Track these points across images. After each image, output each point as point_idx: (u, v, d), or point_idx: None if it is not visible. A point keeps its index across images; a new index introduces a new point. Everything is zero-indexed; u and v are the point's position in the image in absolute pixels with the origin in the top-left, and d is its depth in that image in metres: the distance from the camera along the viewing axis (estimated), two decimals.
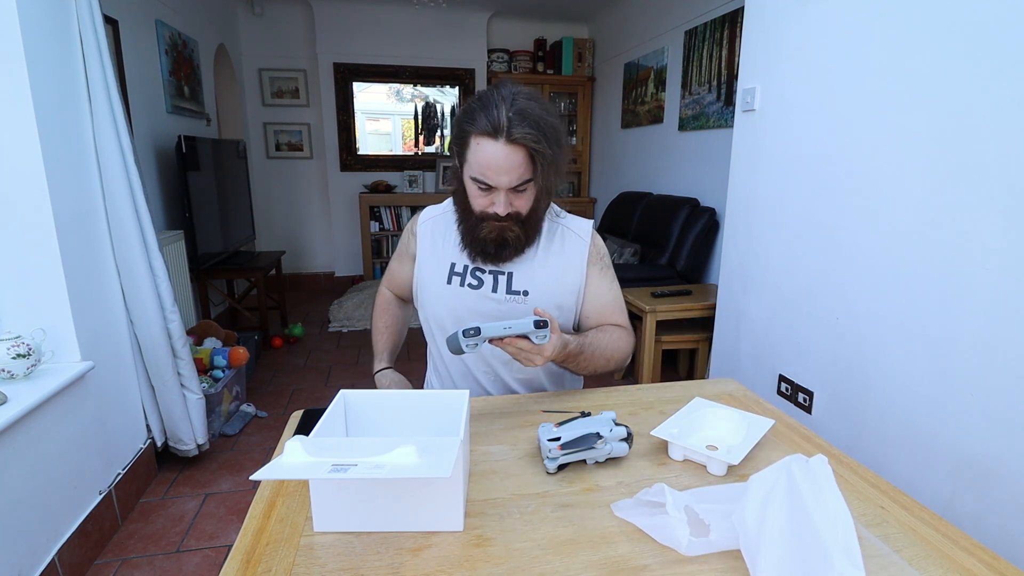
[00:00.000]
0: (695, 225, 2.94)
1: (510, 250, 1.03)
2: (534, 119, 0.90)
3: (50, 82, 1.50)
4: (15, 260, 1.48)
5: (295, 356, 3.26)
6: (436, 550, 0.62)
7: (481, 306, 1.08)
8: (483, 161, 0.92)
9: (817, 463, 0.60)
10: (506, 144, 0.90)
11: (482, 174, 0.93)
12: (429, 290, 1.11)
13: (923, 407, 1.33)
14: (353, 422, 0.79)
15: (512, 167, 0.91)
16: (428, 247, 1.13)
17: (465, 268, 1.09)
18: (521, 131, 0.89)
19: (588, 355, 1.01)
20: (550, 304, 1.08)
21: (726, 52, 2.88)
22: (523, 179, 0.93)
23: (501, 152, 0.90)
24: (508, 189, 0.94)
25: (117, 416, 1.78)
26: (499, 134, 0.89)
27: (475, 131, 0.91)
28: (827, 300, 1.62)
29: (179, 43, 3.07)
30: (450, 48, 4.57)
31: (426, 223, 1.16)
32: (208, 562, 1.60)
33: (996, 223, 1.16)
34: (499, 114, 0.89)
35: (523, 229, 1.02)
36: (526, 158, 0.91)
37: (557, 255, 1.09)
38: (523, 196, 0.98)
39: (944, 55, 1.26)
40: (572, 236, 1.11)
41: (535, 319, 0.87)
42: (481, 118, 0.91)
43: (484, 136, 0.91)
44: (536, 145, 0.90)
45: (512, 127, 0.89)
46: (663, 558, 0.61)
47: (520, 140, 0.89)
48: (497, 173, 0.92)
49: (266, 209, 4.62)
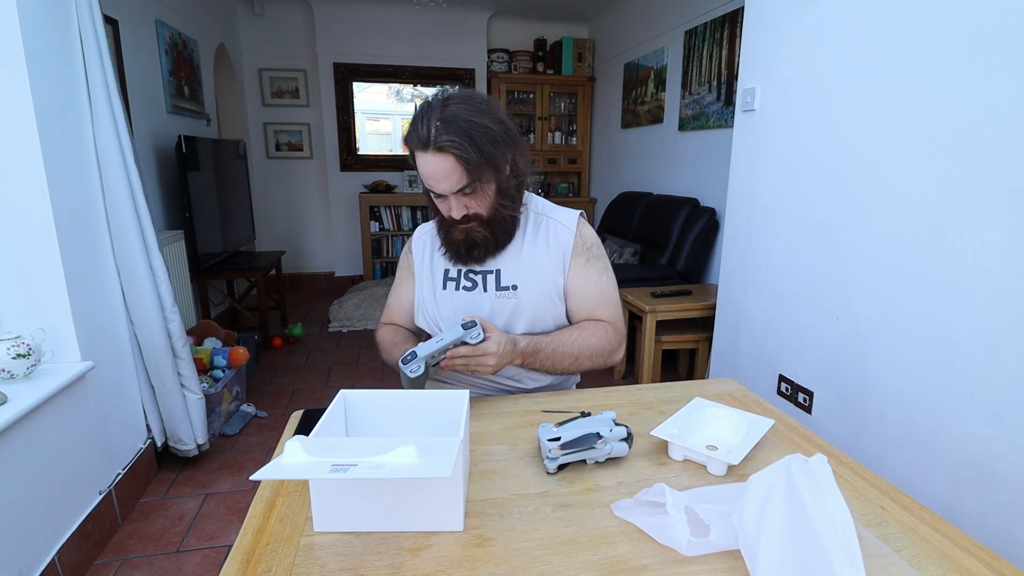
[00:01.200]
0: (695, 225, 2.94)
1: (480, 250, 1.06)
2: (460, 125, 0.92)
3: (50, 82, 1.50)
4: (15, 260, 1.48)
5: (295, 356, 3.26)
6: (436, 550, 0.62)
7: (476, 307, 1.09)
8: (422, 172, 0.96)
9: (817, 463, 0.60)
10: (434, 153, 0.92)
11: (426, 183, 0.98)
12: (428, 298, 1.14)
13: (923, 407, 1.33)
14: (353, 422, 0.79)
15: (445, 174, 0.94)
16: (423, 260, 1.16)
17: (459, 272, 1.11)
18: (446, 139, 0.91)
19: (548, 354, 1.03)
20: (540, 296, 1.08)
21: (726, 52, 2.88)
22: (460, 184, 0.95)
23: (431, 162, 0.93)
24: (454, 193, 0.97)
25: (117, 416, 1.78)
26: (427, 146, 0.92)
27: (410, 144, 0.96)
28: (827, 300, 1.62)
29: (179, 43, 3.07)
30: (450, 48, 4.57)
31: (420, 239, 1.19)
32: (208, 562, 1.60)
33: (996, 223, 1.16)
34: (426, 125, 0.92)
35: (489, 229, 1.04)
36: (456, 164, 0.93)
37: (543, 247, 1.10)
38: (475, 198, 0.99)
39: (944, 55, 1.26)
40: (557, 227, 1.11)
41: (463, 322, 0.91)
42: (412, 132, 0.95)
43: (417, 148, 0.95)
44: (459, 152, 0.91)
45: (438, 136, 0.91)
46: (663, 558, 0.61)
47: (445, 147, 0.91)
48: (435, 181, 0.95)
49: (266, 209, 4.62)
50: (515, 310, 1.08)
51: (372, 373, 3.02)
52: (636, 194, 3.77)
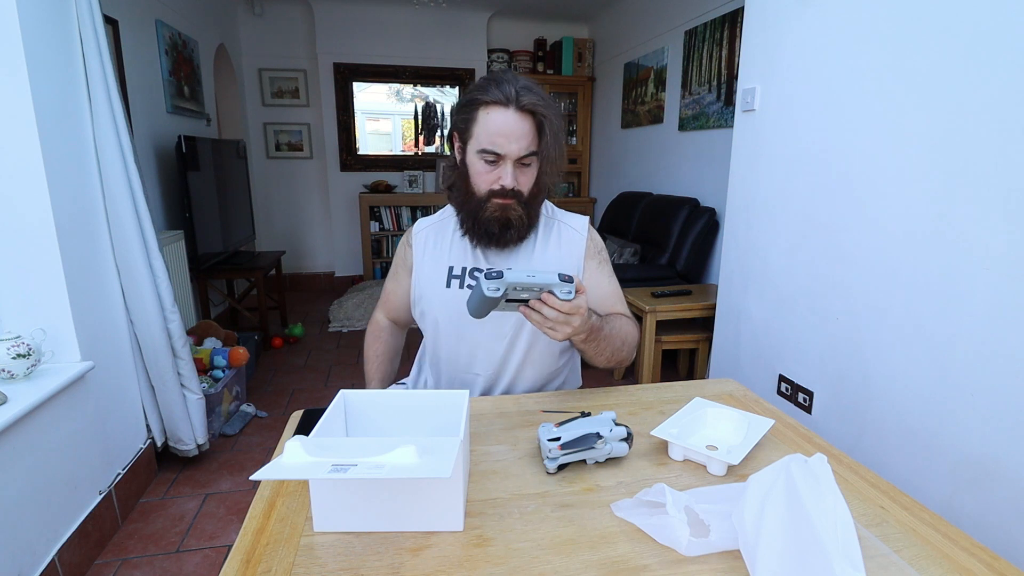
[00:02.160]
0: (695, 225, 2.94)
1: (514, 231, 1.03)
2: (542, 95, 0.97)
3: (50, 82, 1.50)
4: (15, 260, 1.48)
5: (295, 356, 3.26)
6: (436, 550, 0.62)
7: None
8: (493, 129, 0.96)
9: (816, 462, 0.60)
10: (516, 111, 0.95)
11: (492, 143, 0.96)
12: (429, 296, 1.11)
13: (923, 407, 1.33)
14: (353, 422, 0.79)
15: (522, 134, 0.95)
16: (425, 255, 1.13)
17: (464, 270, 1.09)
18: (530, 98, 0.95)
19: (607, 334, 0.98)
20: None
21: (726, 52, 2.88)
22: (530, 149, 0.97)
23: (512, 118, 0.95)
24: (515, 160, 0.97)
25: (117, 416, 1.78)
26: (510, 102, 0.94)
27: (485, 100, 0.96)
28: (827, 300, 1.62)
29: (179, 43, 3.07)
30: (450, 48, 4.57)
31: (421, 232, 1.16)
32: (208, 562, 1.60)
33: (996, 223, 1.16)
34: (509, 87, 0.95)
35: (525, 211, 1.02)
36: (534, 127, 0.96)
37: (554, 250, 1.10)
38: (527, 172, 1.00)
39: (944, 55, 1.26)
40: (568, 231, 1.12)
41: (559, 272, 0.82)
42: (492, 89, 0.96)
43: (495, 105, 0.95)
44: (545, 111, 0.95)
45: (521, 96, 0.95)
46: (663, 558, 0.61)
47: (529, 106, 0.95)
48: (507, 140, 0.95)
49: (266, 209, 4.62)
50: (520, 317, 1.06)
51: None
52: (636, 194, 3.77)
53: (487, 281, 0.79)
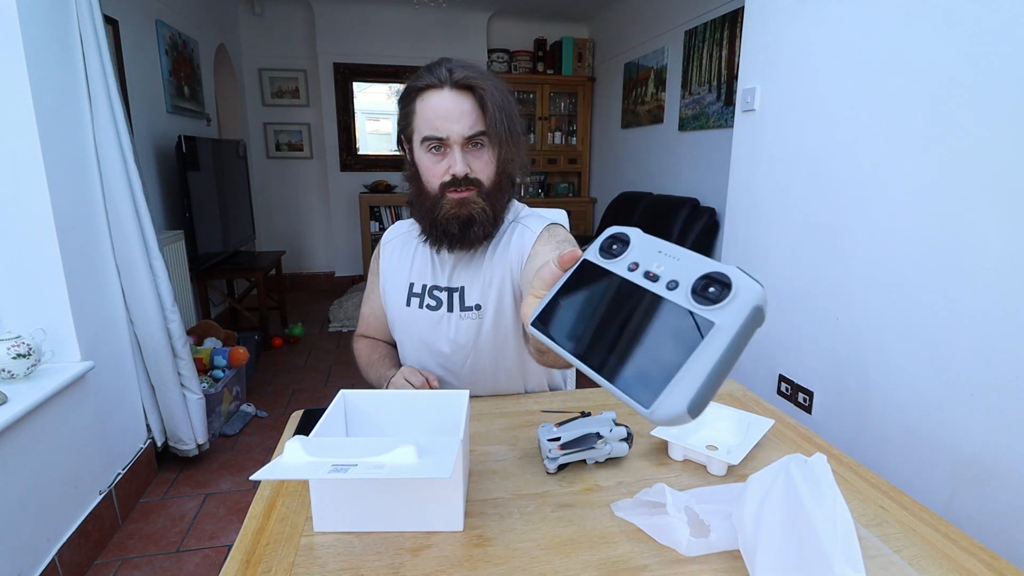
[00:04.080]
0: (695, 225, 2.94)
1: (477, 228, 0.93)
2: (479, 70, 0.90)
3: (50, 82, 1.50)
4: (15, 260, 1.48)
5: (295, 356, 3.26)
6: (436, 550, 0.62)
7: (440, 329, 1.01)
8: (430, 113, 0.89)
9: (816, 462, 0.60)
10: (452, 89, 0.88)
11: (432, 127, 0.89)
12: (393, 314, 1.06)
13: (923, 407, 1.33)
14: (353, 422, 0.79)
15: (462, 112, 0.88)
16: (391, 266, 1.07)
17: (424, 288, 1.02)
18: (469, 75, 0.88)
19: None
20: (505, 313, 0.98)
21: (726, 52, 2.88)
22: (475, 129, 0.89)
23: (448, 97, 0.88)
24: (463, 143, 0.89)
25: (117, 416, 1.78)
26: (443, 82, 0.88)
27: (419, 86, 0.90)
28: (827, 300, 1.62)
29: (179, 43, 3.07)
30: (450, 48, 4.56)
31: (390, 242, 1.09)
32: (208, 562, 1.60)
33: (996, 223, 1.16)
34: (440, 68, 0.89)
35: (489, 203, 0.93)
36: (476, 104, 0.88)
37: (501, 257, 0.98)
38: (480, 156, 0.91)
39: (944, 55, 1.26)
40: (521, 230, 0.99)
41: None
42: (424, 74, 0.90)
43: (429, 89, 0.89)
44: (482, 83, 0.87)
45: (454, 72, 0.88)
46: (663, 558, 0.61)
47: (464, 81, 0.88)
48: (447, 120, 0.88)
49: (266, 209, 4.61)
50: (482, 333, 0.99)
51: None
52: (636, 194, 3.77)
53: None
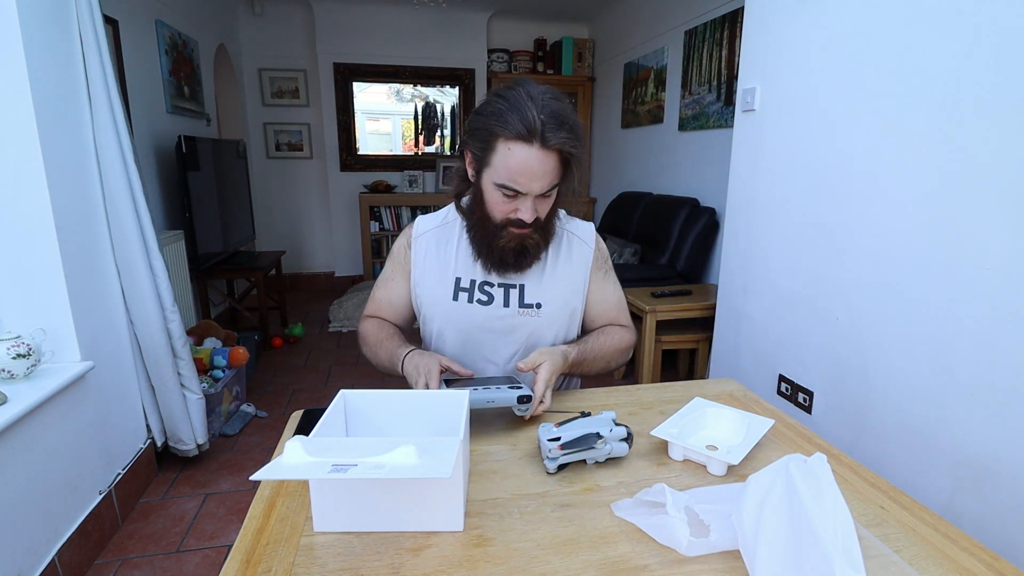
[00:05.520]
0: (695, 225, 2.94)
1: (530, 257, 1.00)
2: (568, 122, 0.87)
3: (50, 82, 1.50)
4: (15, 260, 1.48)
5: (295, 356, 3.26)
6: (436, 550, 0.62)
7: (492, 323, 1.04)
8: (514, 167, 0.87)
9: (816, 462, 0.60)
10: (541, 149, 0.86)
11: (512, 180, 0.89)
12: (434, 308, 1.07)
13: (923, 407, 1.33)
14: (353, 422, 0.79)
15: (545, 173, 0.88)
16: (428, 261, 1.08)
17: (472, 283, 1.05)
18: (557, 136, 0.85)
19: (590, 360, 1.03)
20: (563, 314, 1.07)
21: (726, 52, 2.88)
22: (553, 184, 0.91)
23: (536, 157, 0.86)
24: (540, 195, 0.91)
25: (117, 416, 1.78)
26: (533, 138, 0.85)
27: (505, 134, 0.86)
28: (827, 300, 1.62)
29: (179, 43, 3.07)
30: (450, 48, 4.57)
31: (423, 236, 1.09)
32: (208, 562, 1.60)
33: (996, 223, 1.16)
34: (532, 116, 0.84)
35: (542, 235, 0.99)
36: (559, 163, 0.89)
37: (565, 263, 1.08)
38: (547, 201, 0.95)
39: (944, 54, 1.26)
40: (578, 242, 1.10)
41: (518, 394, 0.87)
42: (513, 120, 0.85)
43: (517, 140, 0.86)
44: (573, 150, 0.87)
45: (546, 131, 0.85)
46: (663, 558, 0.61)
47: (556, 145, 0.86)
48: (530, 179, 0.88)
49: (266, 209, 4.61)
50: (538, 329, 1.05)
51: (372, 373, 3.02)
52: (636, 194, 3.77)
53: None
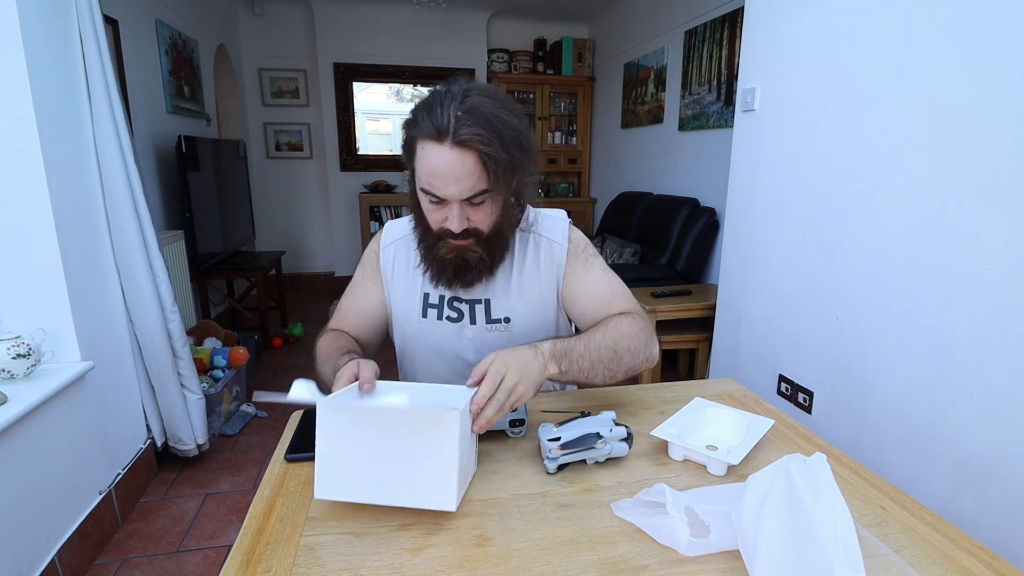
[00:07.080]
0: (695, 225, 2.94)
1: (473, 273, 0.91)
2: (486, 118, 0.78)
3: (50, 82, 1.50)
4: (15, 260, 1.48)
5: (295, 356, 3.26)
6: (436, 550, 0.62)
7: (462, 342, 1.00)
8: (428, 169, 0.81)
9: (816, 462, 0.60)
10: (452, 147, 0.78)
11: (429, 184, 0.82)
12: (403, 325, 1.03)
13: (923, 407, 1.33)
14: None
15: (462, 174, 0.79)
16: (396, 274, 1.03)
17: (441, 299, 0.99)
18: (469, 132, 0.77)
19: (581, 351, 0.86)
20: (537, 328, 0.99)
21: (726, 52, 2.88)
22: (476, 189, 0.81)
23: (447, 157, 0.78)
24: (461, 201, 0.83)
25: (117, 416, 1.78)
26: (444, 136, 0.78)
27: (419, 134, 0.81)
28: (827, 300, 1.62)
29: (179, 43, 3.07)
30: (450, 48, 4.57)
31: (391, 246, 1.04)
32: (208, 562, 1.60)
33: (996, 223, 1.16)
34: (444, 114, 0.78)
35: (486, 249, 0.89)
36: (477, 163, 0.79)
37: (532, 273, 0.98)
38: (481, 209, 0.85)
39: (944, 54, 1.26)
40: (547, 245, 1.00)
41: (511, 417, 0.84)
42: (425, 120, 0.79)
43: (428, 140, 0.79)
44: (486, 148, 0.78)
45: (459, 127, 0.77)
46: (663, 558, 0.61)
47: (468, 142, 0.77)
48: (445, 182, 0.80)
49: (266, 209, 4.61)
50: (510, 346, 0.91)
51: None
52: (636, 194, 3.77)
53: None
